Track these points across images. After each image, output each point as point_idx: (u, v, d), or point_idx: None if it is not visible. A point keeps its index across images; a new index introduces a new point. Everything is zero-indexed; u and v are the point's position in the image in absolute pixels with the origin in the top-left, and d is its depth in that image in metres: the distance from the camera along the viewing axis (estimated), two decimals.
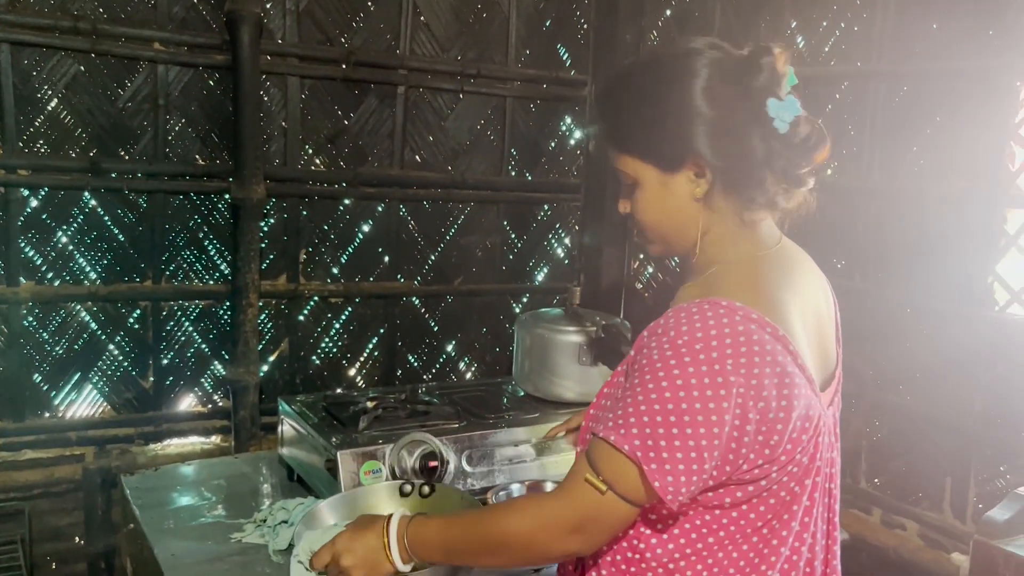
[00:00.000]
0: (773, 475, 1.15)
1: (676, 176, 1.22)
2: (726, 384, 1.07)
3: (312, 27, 3.02)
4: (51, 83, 2.68)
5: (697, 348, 1.08)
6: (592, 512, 1.14)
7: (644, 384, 1.10)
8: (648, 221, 1.28)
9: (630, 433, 1.09)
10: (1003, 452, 2.31)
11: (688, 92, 1.18)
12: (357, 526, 1.38)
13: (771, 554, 1.19)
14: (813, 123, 1.21)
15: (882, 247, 2.59)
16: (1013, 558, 1.56)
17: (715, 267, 1.23)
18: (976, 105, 2.32)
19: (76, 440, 2.83)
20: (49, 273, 2.76)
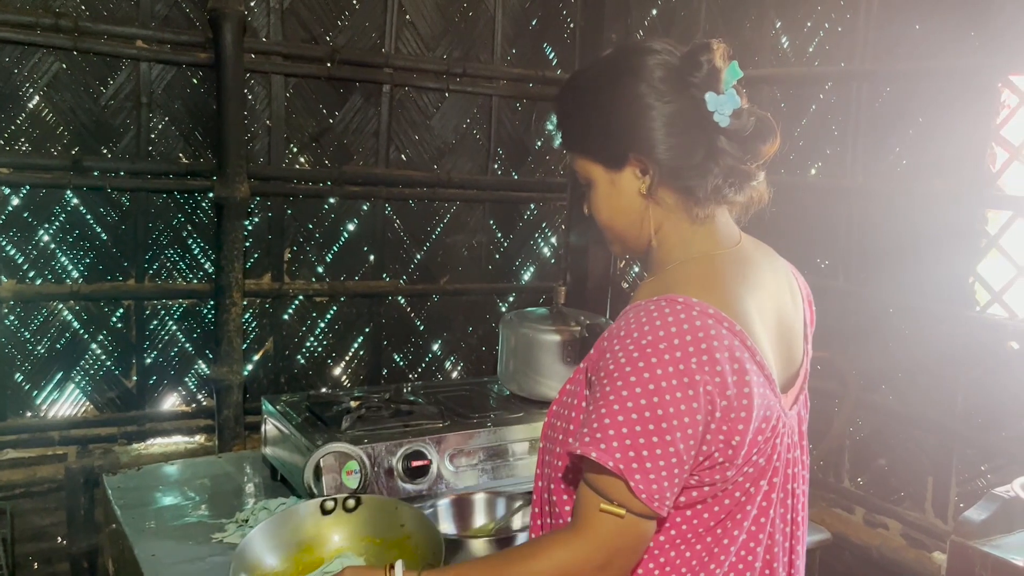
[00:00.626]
0: (729, 474, 1.15)
1: (622, 173, 1.23)
2: (692, 383, 1.07)
3: (296, 25, 3.01)
4: (32, 81, 2.66)
5: (661, 348, 1.08)
6: (618, 541, 1.12)
7: (616, 391, 1.09)
8: (602, 220, 1.30)
9: (610, 447, 1.08)
10: (984, 452, 2.33)
11: (628, 91, 1.20)
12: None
13: (721, 553, 1.19)
14: (759, 116, 1.21)
15: (865, 247, 2.60)
16: (990, 558, 1.57)
17: (672, 264, 1.23)
18: (957, 106, 2.33)
19: (58, 440, 2.82)
20: (31, 272, 2.74)
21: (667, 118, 1.19)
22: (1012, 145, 2.25)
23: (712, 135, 1.19)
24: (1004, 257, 2.30)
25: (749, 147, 1.20)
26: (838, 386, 2.58)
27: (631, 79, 1.20)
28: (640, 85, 1.19)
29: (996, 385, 2.28)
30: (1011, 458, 2.23)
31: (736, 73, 1.20)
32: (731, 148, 1.19)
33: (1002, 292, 2.29)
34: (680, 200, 1.23)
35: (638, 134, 1.20)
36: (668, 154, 1.19)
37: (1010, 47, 2.21)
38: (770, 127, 1.21)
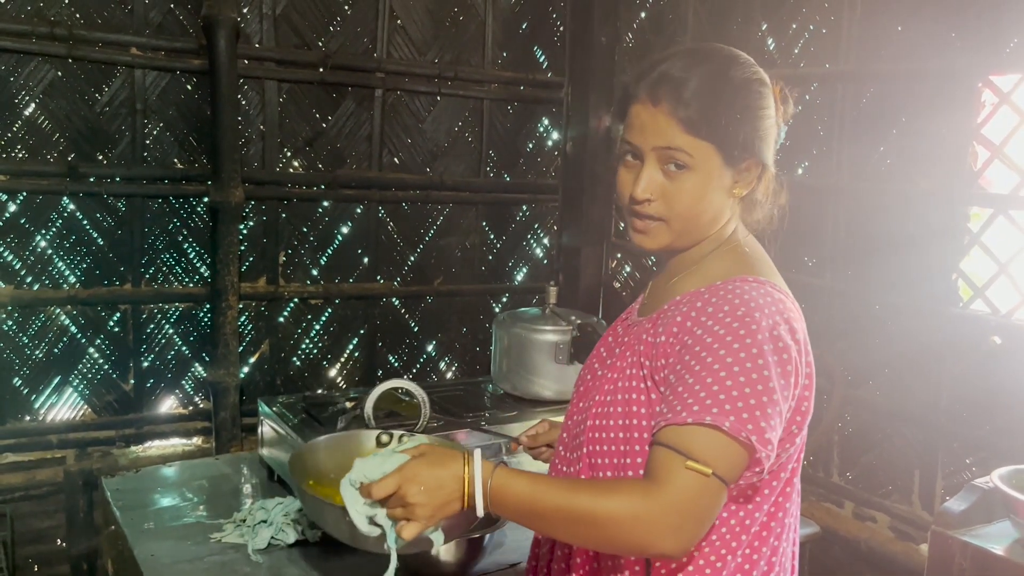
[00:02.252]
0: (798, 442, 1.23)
1: (731, 170, 1.27)
2: (786, 348, 1.15)
3: (289, 31, 3.04)
4: (28, 89, 2.69)
5: (756, 316, 1.15)
6: (697, 501, 1.09)
7: (719, 359, 1.12)
8: (684, 206, 1.26)
9: (723, 410, 1.08)
10: (969, 445, 2.36)
11: (767, 101, 1.29)
12: (428, 459, 1.21)
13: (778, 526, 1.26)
14: None
15: (850, 245, 2.64)
16: (969, 547, 1.61)
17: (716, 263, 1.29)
18: (939, 106, 2.37)
19: (57, 443, 2.85)
20: (28, 277, 2.77)
21: (775, 135, 1.30)
22: (993, 144, 2.29)
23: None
24: (986, 254, 2.34)
25: None
26: (826, 382, 2.61)
27: (768, 93, 1.29)
28: (770, 98, 1.29)
29: (980, 379, 2.32)
30: (995, 451, 2.27)
31: None
32: None
33: (985, 288, 2.33)
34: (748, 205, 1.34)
35: (762, 140, 1.28)
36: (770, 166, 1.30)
37: (990, 47, 2.25)
38: None
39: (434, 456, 1.21)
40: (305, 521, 1.99)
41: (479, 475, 1.16)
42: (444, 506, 1.17)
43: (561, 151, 3.66)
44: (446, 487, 1.17)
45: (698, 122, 1.26)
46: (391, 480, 1.19)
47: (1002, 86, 2.27)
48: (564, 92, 3.59)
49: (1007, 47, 2.24)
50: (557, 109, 3.62)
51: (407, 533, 1.18)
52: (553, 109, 3.62)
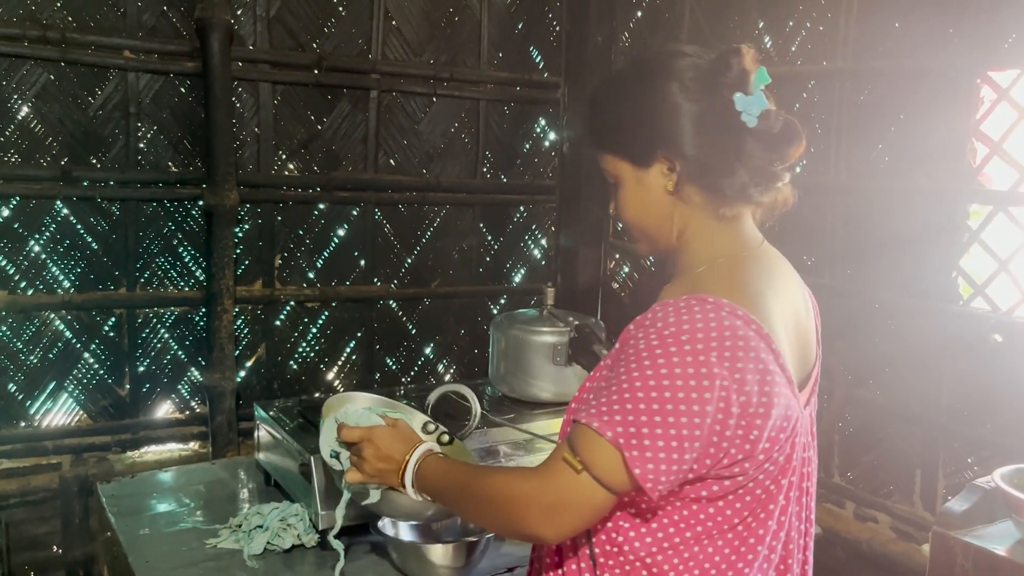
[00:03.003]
0: (750, 472, 1.17)
1: (649, 171, 1.25)
2: (709, 376, 1.09)
3: (283, 33, 3.03)
4: (21, 92, 2.68)
5: (683, 339, 1.10)
6: (566, 493, 1.14)
7: (629, 373, 1.12)
8: (629, 218, 1.32)
9: (613, 420, 1.10)
10: (970, 444, 2.35)
11: (659, 90, 1.22)
12: (397, 432, 1.46)
13: (748, 552, 1.21)
14: (786, 118, 1.23)
15: (850, 244, 2.63)
16: (971, 548, 1.59)
17: (700, 267, 1.25)
18: (938, 102, 2.36)
19: (52, 449, 2.83)
20: (22, 282, 2.76)
21: (696, 116, 1.20)
22: (992, 140, 2.27)
23: (739, 135, 1.21)
24: (986, 251, 2.32)
25: (775, 148, 1.22)
26: (826, 382, 2.59)
27: (661, 78, 1.22)
28: (671, 84, 1.21)
29: (980, 378, 2.30)
30: (996, 450, 2.26)
31: (764, 78, 1.22)
32: (758, 149, 1.21)
33: (984, 286, 2.31)
34: (706, 198, 1.24)
35: (667, 131, 1.22)
36: (696, 152, 1.21)
37: (988, 44, 2.24)
38: (796, 130, 1.22)
39: (398, 434, 1.45)
40: (301, 526, 1.98)
41: (414, 458, 1.39)
42: (384, 472, 1.42)
43: (558, 151, 3.65)
44: (391, 459, 1.41)
45: (599, 138, 1.31)
46: (358, 432, 1.46)
47: (1001, 82, 2.26)
48: (560, 92, 3.58)
49: (1005, 43, 2.22)
50: (554, 109, 3.60)
51: (349, 476, 1.46)
52: (550, 109, 3.60)
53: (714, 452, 1.12)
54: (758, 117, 1.20)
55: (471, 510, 1.31)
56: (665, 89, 1.21)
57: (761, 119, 1.20)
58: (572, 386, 2.40)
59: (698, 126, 1.21)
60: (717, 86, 1.20)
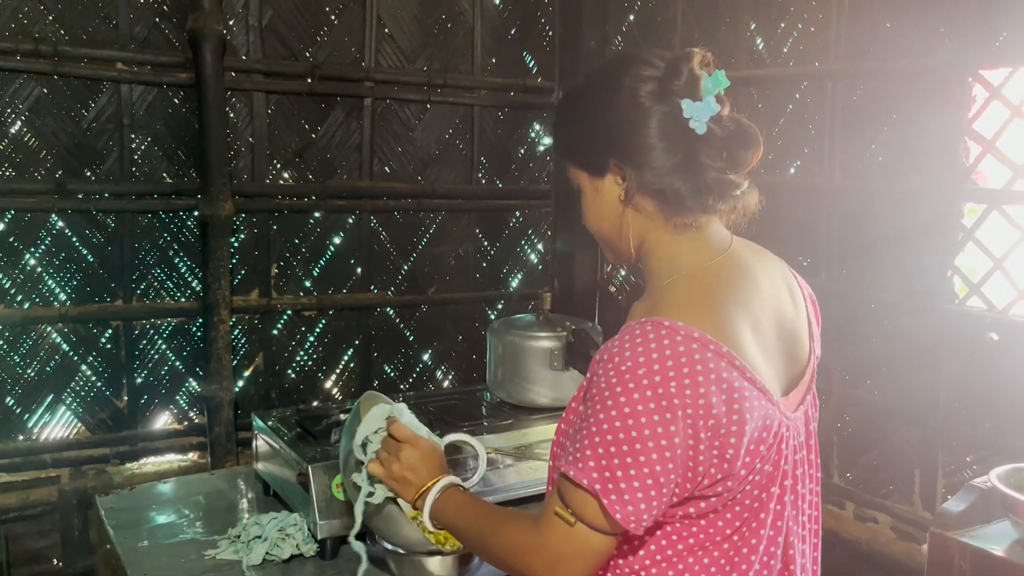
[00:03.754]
0: (734, 488, 1.16)
1: (604, 180, 1.26)
2: (670, 407, 1.08)
3: (276, 42, 3.03)
4: (14, 106, 2.68)
5: (640, 373, 1.09)
6: (565, 546, 1.16)
7: (596, 415, 1.12)
8: (591, 226, 1.33)
9: (587, 467, 1.11)
10: (968, 443, 2.35)
11: (610, 99, 1.23)
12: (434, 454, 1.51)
13: (742, 562, 1.20)
14: (741, 124, 1.21)
15: (845, 244, 2.63)
16: (969, 549, 1.59)
17: (664, 282, 1.23)
18: (930, 102, 2.36)
19: (51, 462, 2.83)
20: (18, 296, 2.76)
21: (645, 125, 1.20)
22: (985, 139, 2.27)
23: (690, 143, 1.19)
24: (981, 250, 2.32)
25: (729, 155, 1.20)
26: (824, 383, 2.59)
27: (614, 87, 1.22)
28: (621, 93, 1.21)
29: (978, 377, 2.30)
30: (995, 449, 2.26)
31: (720, 82, 1.20)
32: (709, 157, 1.19)
33: (980, 284, 2.31)
34: (659, 208, 1.23)
35: (617, 140, 1.22)
36: (644, 160, 1.20)
37: (979, 42, 2.24)
38: (752, 135, 1.21)
39: (435, 455, 1.50)
40: (300, 536, 1.98)
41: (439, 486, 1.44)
42: (405, 482, 1.47)
43: (553, 156, 3.65)
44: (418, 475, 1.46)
45: (559, 147, 1.39)
46: (406, 432, 1.51)
47: (993, 80, 2.26)
48: (554, 97, 3.58)
49: (996, 41, 2.23)
50: (548, 114, 3.61)
51: (372, 467, 1.51)
52: (544, 114, 3.61)
53: (692, 476, 1.12)
54: (707, 124, 1.19)
55: (481, 551, 1.35)
56: (616, 98, 1.22)
57: (712, 124, 1.19)
58: (570, 390, 2.40)
59: (647, 134, 1.20)
60: (667, 93, 1.20)
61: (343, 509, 1.93)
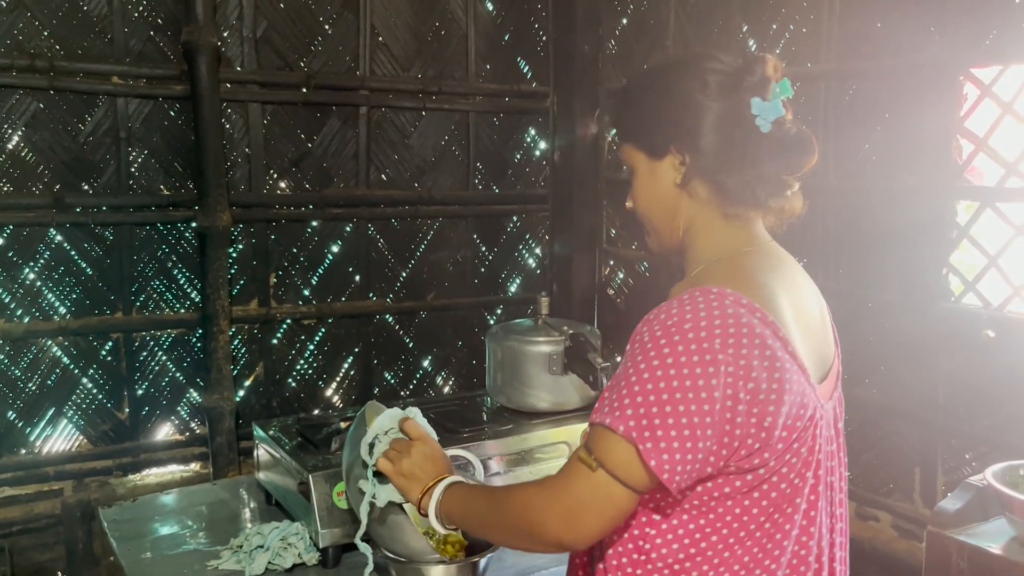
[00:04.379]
0: (771, 464, 1.16)
1: (662, 162, 1.28)
2: (714, 362, 1.09)
3: (270, 53, 3.04)
4: (11, 121, 2.69)
5: (686, 328, 1.11)
6: (583, 492, 1.14)
7: (636, 367, 1.13)
8: (639, 208, 1.36)
9: (624, 415, 1.11)
10: (968, 441, 2.35)
11: (679, 85, 1.26)
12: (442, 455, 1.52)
13: (775, 548, 1.20)
14: (800, 130, 1.26)
15: (840, 244, 2.63)
16: (965, 547, 1.59)
17: (704, 264, 1.27)
18: (922, 101, 2.37)
19: (54, 475, 2.84)
20: (18, 310, 2.77)
21: (711, 115, 1.23)
22: (977, 137, 2.28)
23: (752, 138, 1.23)
24: (975, 247, 2.33)
25: (786, 157, 1.24)
26: None
27: (685, 75, 1.26)
28: (692, 81, 1.25)
29: (975, 374, 2.31)
30: (994, 446, 2.26)
31: (787, 90, 1.25)
32: (768, 155, 1.23)
33: (975, 281, 2.32)
34: (713, 195, 1.27)
35: (681, 126, 1.25)
36: (706, 148, 1.24)
37: (969, 40, 2.25)
38: (810, 143, 1.25)
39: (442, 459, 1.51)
40: (302, 544, 1.98)
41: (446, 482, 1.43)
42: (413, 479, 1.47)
43: (549, 160, 3.66)
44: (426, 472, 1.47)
45: (620, 127, 1.37)
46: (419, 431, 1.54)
47: (983, 78, 2.26)
48: (549, 101, 3.59)
49: (986, 39, 2.23)
50: (543, 119, 3.62)
51: (381, 463, 1.51)
52: (539, 119, 3.62)
53: (728, 441, 1.12)
54: (772, 123, 1.23)
55: (494, 528, 1.32)
56: (686, 86, 1.25)
57: (775, 126, 1.23)
58: (569, 395, 2.41)
59: (712, 124, 1.24)
60: (737, 89, 1.24)
61: (344, 517, 1.93)
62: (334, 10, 3.14)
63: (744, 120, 1.23)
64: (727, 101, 1.23)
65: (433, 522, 1.43)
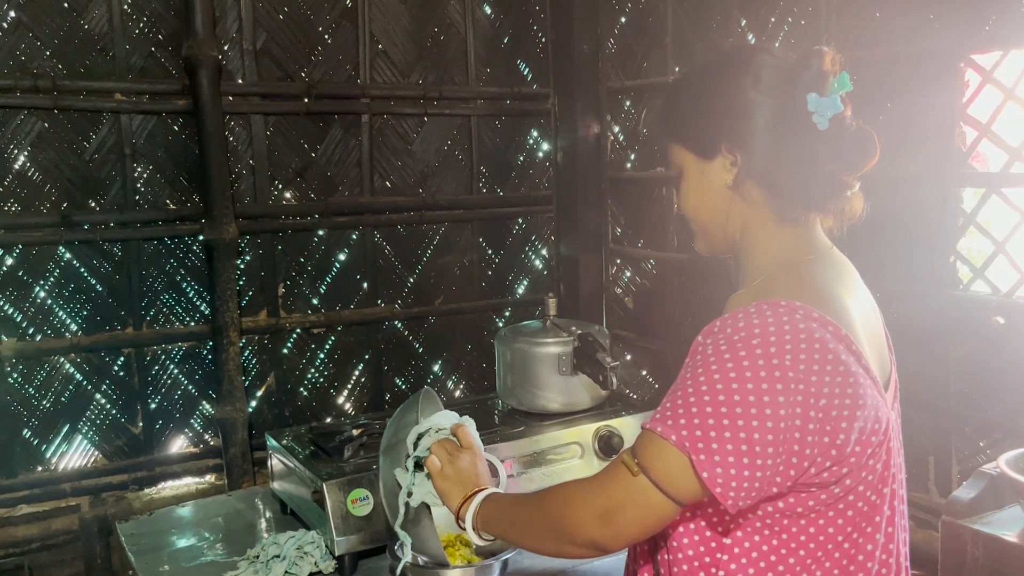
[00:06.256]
0: (847, 482, 1.11)
1: (712, 163, 1.23)
2: (784, 379, 1.04)
3: (271, 64, 3.06)
4: (16, 142, 2.71)
5: (754, 343, 1.06)
6: (620, 494, 1.11)
7: (695, 377, 1.08)
8: (688, 210, 1.29)
9: (677, 424, 1.06)
10: (981, 428, 2.34)
11: (730, 82, 1.20)
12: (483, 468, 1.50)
13: (858, 570, 1.15)
14: (861, 127, 1.20)
15: (846, 234, 2.62)
16: (981, 536, 1.58)
17: (765, 272, 1.21)
18: (924, 89, 2.36)
19: (71, 491, 2.86)
20: (30, 329, 2.79)
21: (764, 112, 1.17)
22: (980, 123, 2.27)
23: (808, 137, 1.17)
24: (982, 234, 2.32)
25: (845, 156, 1.18)
26: None
27: (735, 70, 1.20)
28: (744, 78, 1.19)
29: (986, 361, 2.30)
30: (1007, 432, 2.25)
31: (845, 84, 1.18)
32: (826, 154, 1.17)
33: (983, 268, 2.31)
34: (768, 198, 1.20)
35: (733, 124, 1.19)
36: (760, 148, 1.18)
37: (969, 26, 2.24)
38: (871, 141, 1.19)
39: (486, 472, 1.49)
40: (318, 553, 1.99)
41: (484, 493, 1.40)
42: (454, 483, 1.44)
43: (552, 161, 3.67)
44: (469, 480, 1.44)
45: (666, 127, 1.30)
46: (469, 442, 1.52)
47: (984, 64, 2.26)
48: (551, 103, 3.60)
49: (986, 25, 2.22)
50: (545, 120, 3.62)
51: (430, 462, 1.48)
52: (541, 120, 3.62)
53: (796, 461, 1.06)
54: (830, 120, 1.16)
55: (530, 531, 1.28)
56: (737, 81, 1.19)
57: (833, 123, 1.16)
58: (580, 395, 2.42)
59: (765, 122, 1.17)
60: (792, 84, 1.17)
61: (359, 525, 1.94)
62: (333, 19, 3.15)
63: (800, 117, 1.16)
64: (781, 97, 1.17)
65: (469, 532, 1.39)
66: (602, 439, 2.30)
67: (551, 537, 1.22)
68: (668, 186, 3.27)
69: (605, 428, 2.32)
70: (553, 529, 1.20)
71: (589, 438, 2.31)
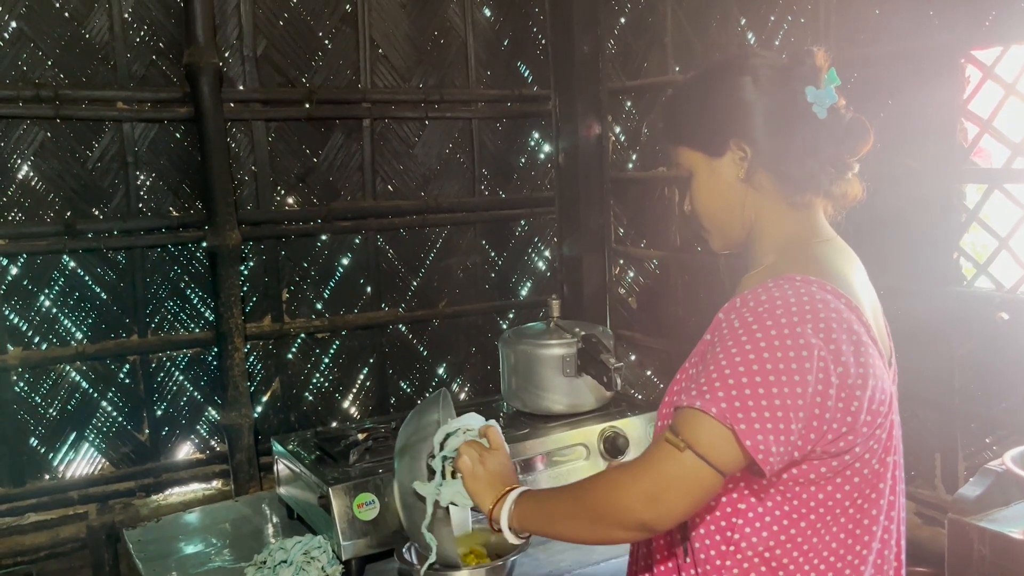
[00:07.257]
0: (856, 449, 1.18)
1: (722, 159, 1.30)
2: (808, 346, 1.10)
3: (272, 70, 3.07)
4: (19, 152, 2.72)
5: (777, 314, 1.13)
6: (669, 472, 1.14)
7: (727, 351, 1.13)
8: (701, 209, 1.36)
9: (716, 397, 1.11)
10: (987, 424, 2.34)
11: (732, 82, 1.29)
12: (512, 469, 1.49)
13: (864, 534, 1.22)
14: (855, 115, 1.29)
15: (848, 232, 2.59)
16: (987, 533, 1.58)
17: (775, 253, 1.29)
18: (924, 85, 2.35)
19: (78, 499, 2.87)
20: (36, 337, 2.80)
21: (767, 107, 1.26)
22: (981, 119, 2.27)
23: (810, 125, 1.26)
24: (985, 230, 2.32)
25: (844, 142, 1.28)
26: None
27: (735, 73, 1.29)
28: (744, 78, 1.27)
29: (991, 357, 2.29)
30: (1014, 428, 2.24)
31: (834, 79, 1.28)
32: (828, 140, 1.26)
33: (987, 264, 2.30)
34: (778, 185, 1.29)
35: (739, 121, 1.27)
36: (767, 139, 1.27)
37: (969, 22, 2.24)
38: (865, 126, 1.29)
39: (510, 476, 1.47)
40: (325, 558, 2.00)
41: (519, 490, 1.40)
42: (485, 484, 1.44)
43: (554, 163, 3.67)
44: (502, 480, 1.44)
45: (673, 132, 1.38)
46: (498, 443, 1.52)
47: (985, 60, 2.25)
48: (551, 104, 3.60)
49: (986, 20, 2.22)
50: (546, 121, 3.62)
51: (461, 463, 1.48)
52: (542, 122, 3.62)
53: (817, 425, 1.13)
54: (828, 110, 1.26)
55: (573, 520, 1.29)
56: (738, 82, 1.28)
57: (831, 112, 1.27)
58: (584, 396, 2.42)
59: (770, 114, 1.27)
60: (789, 79, 1.27)
61: (366, 529, 1.95)
62: (333, 25, 3.16)
63: (801, 108, 1.25)
64: (781, 92, 1.26)
65: (505, 532, 1.40)
66: (607, 440, 2.31)
67: (598, 524, 1.24)
68: (670, 185, 3.27)
69: (610, 429, 2.32)
70: (599, 516, 1.22)
71: (594, 439, 2.31)
